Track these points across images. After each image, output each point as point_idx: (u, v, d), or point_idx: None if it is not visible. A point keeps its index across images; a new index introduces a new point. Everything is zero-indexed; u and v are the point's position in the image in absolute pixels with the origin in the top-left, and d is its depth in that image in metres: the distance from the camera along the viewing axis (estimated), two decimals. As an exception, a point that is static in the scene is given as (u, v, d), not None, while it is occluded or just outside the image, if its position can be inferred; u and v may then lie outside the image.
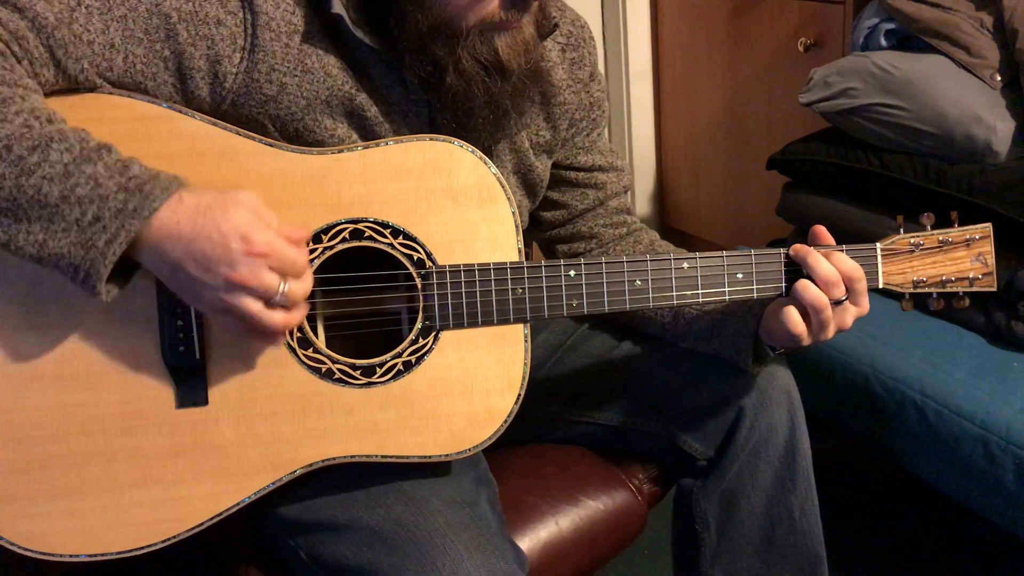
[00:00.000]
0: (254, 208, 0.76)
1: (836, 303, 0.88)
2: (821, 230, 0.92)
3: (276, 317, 0.76)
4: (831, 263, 0.88)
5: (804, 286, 0.88)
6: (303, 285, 0.78)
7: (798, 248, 0.90)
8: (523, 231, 0.90)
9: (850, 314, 0.90)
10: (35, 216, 0.72)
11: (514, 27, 0.84)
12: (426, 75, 0.85)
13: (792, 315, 0.88)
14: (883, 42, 1.56)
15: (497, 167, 0.94)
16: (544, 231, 1.10)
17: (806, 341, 0.89)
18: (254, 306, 0.75)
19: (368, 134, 0.89)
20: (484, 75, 0.85)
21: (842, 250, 0.91)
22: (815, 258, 0.88)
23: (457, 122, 0.88)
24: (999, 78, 1.42)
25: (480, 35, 0.83)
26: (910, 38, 1.53)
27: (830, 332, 0.89)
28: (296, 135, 0.87)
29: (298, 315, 0.79)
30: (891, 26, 1.54)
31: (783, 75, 1.93)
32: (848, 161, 1.51)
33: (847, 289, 0.88)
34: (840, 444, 1.62)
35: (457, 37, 0.83)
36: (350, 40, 0.87)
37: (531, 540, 1.00)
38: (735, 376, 1.02)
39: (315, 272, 0.85)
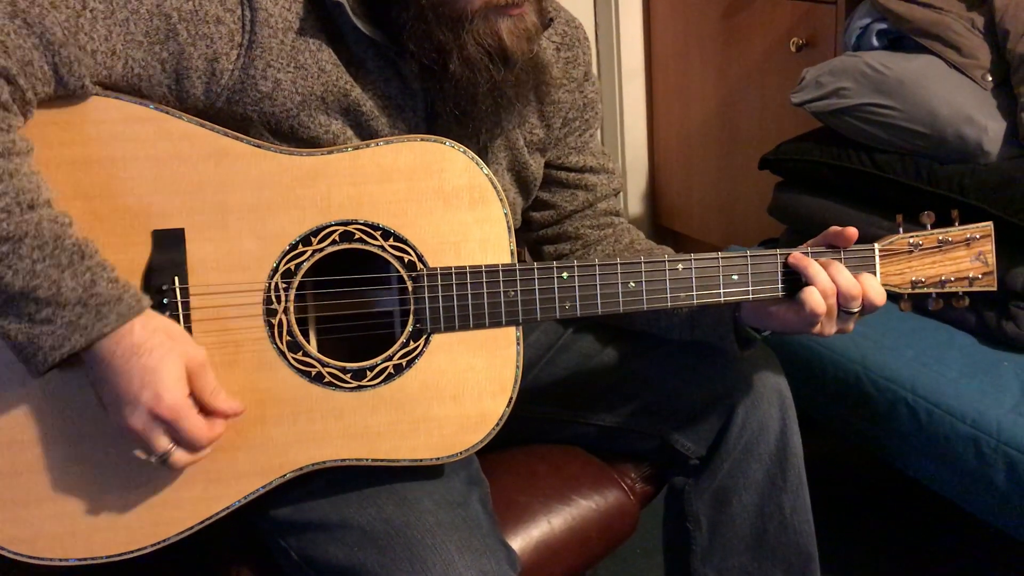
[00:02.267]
0: (192, 366, 0.78)
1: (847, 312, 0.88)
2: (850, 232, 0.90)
3: (155, 462, 0.79)
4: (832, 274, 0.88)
5: (838, 269, 0.87)
6: (190, 458, 0.79)
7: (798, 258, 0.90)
8: (514, 231, 0.90)
9: (853, 320, 0.90)
10: None
11: (518, 12, 0.84)
12: (429, 62, 0.85)
13: (814, 296, 0.87)
14: (875, 42, 1.56)
15: (492, 164, 0.94)
16: (533, 231, 1.10)
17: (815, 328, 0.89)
18: (139, 452, 0.78)
19: (363, 130, 0.89)
20: (488, 61, 0.84)
21: (839, 255, 0.90)
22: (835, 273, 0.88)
23: (460, 110, 0.87)
24: (990, 78, 1.42)
25: (485, 19, 0.83)
26: (902, 38, 1.53)
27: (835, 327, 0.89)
28: (290, 132, 0.87)
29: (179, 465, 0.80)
30: (883, 26, 1.55)
31: (775, 75, 1.93)
32: (840, 161, 1.51)
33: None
34: (832, 443, 1.62)
35: (462, 20, 0.83)
36: (348, 33, 0.87)
37: (523, 539, 1.00)
38: (726, 375, 1.02)
39: (305, 275, 0.85)
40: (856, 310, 0.88)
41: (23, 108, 0.77)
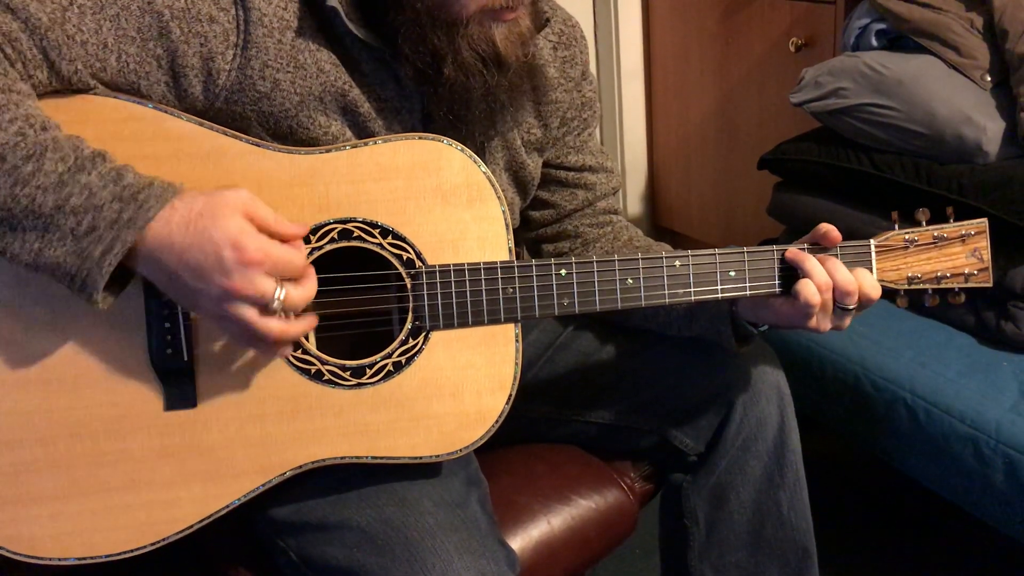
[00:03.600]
0: (246, 208, 0.76)
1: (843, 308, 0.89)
2: (829, 229, 0.91)
3: (272, 325, 0.76)
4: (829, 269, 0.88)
5: (836, 265, 0.88)
6: (303, 291, 0.77)
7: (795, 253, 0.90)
8: (513, 230, 0.90)
9: (849, 316, 0.90)
10: (30, 226, 0.73)
11: (512, 17, 0.84)
12: (424, 66, 0.85)
13: (808, 288, 0.87)
14: (874, 42, 1.56)
15: (489, 164, 0.94)
16: (532, 230, 1.10)
17: (812, 322, 0.89)
18: (250, 313, 0.75)
19: (361, 130, 0.89)
20: (482, 67, 0.84)
21: (836, 253, 0.91)
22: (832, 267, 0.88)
23: (454, 114, 0.87)
24: (989, 78, 1.43)
25: (479, 24, 0.83)
26: (901, 38, 1.53)
27: (831, 323, 0.90)
28: (289, 132, 0.87)
29: (298, 326, 0.78)
30: (882, 26, 1.55)
31: (774, 75, 1.93)
32: (839, 161, 1.51)
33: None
34: (831, 443, 1.62)
35: (457, 26, 0.83)
36: (343, 35, 0.87)
37: (523, 539, 1.00)
38: (725, 371, 1.03)
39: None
40: (852, 306, 0.88)
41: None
